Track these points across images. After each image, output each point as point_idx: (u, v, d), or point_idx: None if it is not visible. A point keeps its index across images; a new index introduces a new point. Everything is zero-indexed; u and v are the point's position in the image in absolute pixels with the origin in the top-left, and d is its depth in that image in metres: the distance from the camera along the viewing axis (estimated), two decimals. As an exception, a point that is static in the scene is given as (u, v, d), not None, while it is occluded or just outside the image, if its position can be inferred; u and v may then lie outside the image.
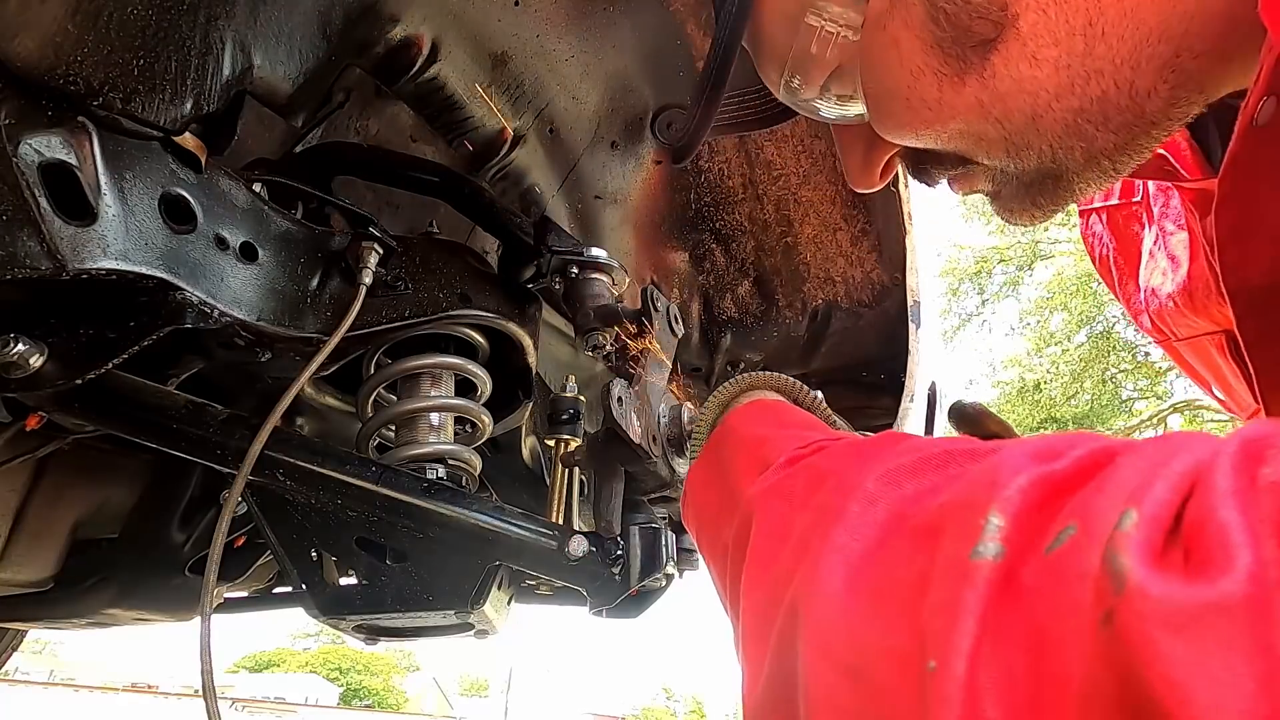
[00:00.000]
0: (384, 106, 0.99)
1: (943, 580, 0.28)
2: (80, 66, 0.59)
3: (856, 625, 0.32)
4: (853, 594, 0.33)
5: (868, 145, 0.61)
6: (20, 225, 0.58)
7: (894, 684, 0.29)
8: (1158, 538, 0.23)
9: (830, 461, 0.45)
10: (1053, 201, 0.55)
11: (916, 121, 0.53)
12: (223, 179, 0.76)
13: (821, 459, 0.46)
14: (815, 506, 0.40)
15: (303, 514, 0.83)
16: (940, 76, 0.50)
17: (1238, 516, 0.22)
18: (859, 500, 0.37)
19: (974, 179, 0.58)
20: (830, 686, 0.32)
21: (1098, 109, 0.47)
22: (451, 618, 0.81)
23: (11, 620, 1.23)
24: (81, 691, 13.41)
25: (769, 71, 0.61)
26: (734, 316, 1.45)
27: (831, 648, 0.32)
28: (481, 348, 0.99)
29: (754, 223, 1.29)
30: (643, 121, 1.15)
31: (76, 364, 0.72)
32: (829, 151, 1.17)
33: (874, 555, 0.34)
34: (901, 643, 0.29)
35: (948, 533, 0.30)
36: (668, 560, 0.94)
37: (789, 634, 0.35)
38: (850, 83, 0.57)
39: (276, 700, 20.75)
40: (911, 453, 0.39)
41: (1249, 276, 0.50)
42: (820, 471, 0.44)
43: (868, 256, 1.32)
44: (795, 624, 0.35)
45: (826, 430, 0.58)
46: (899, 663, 0.29)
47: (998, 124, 0.50)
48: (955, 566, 0.28)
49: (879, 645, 0.30)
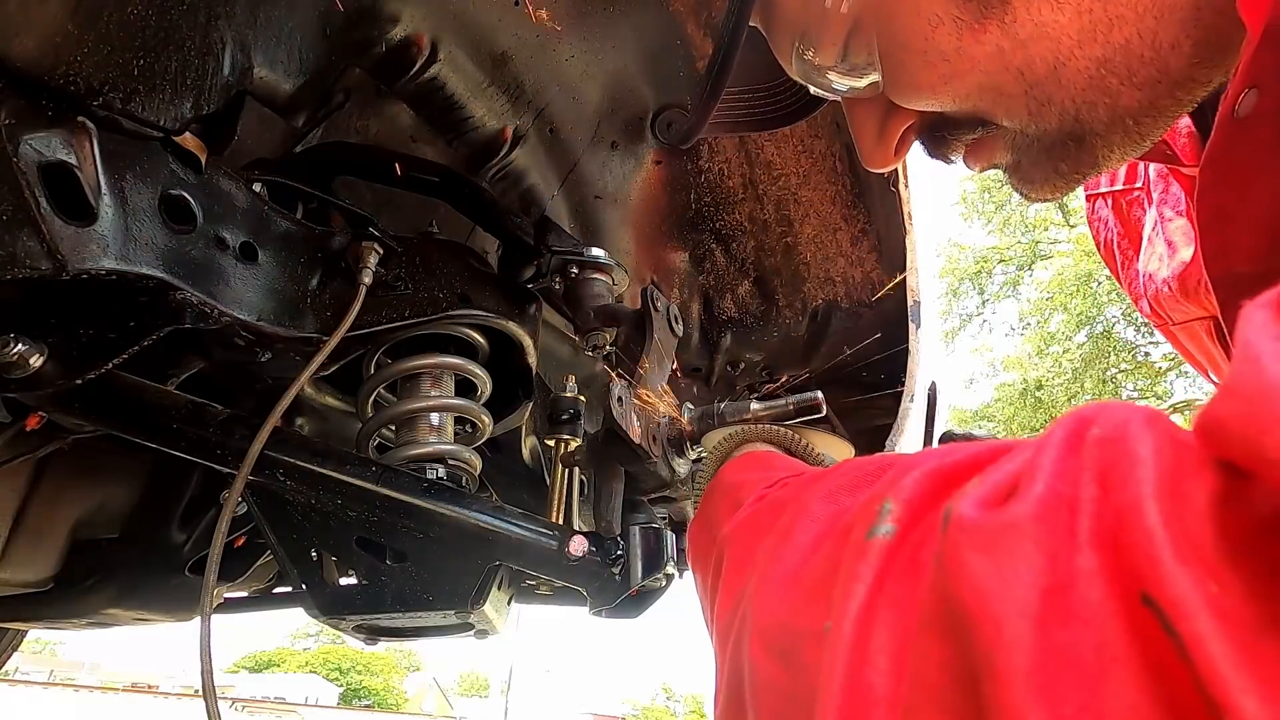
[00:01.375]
0: (384, 106, 0.99)
1: (847, 561, 0.33)
2: (80, 66, 0.59)
3: (786, 615, 0.37)
4: (787, 592, 0.38)
5: (882, 119, 0.60)
6: (20, 225, 0.58)
7: (811, 657, 0.33)
8: (994, 494, 0.28)
9: (788, 492, 0.50)
10: (1075, 168, 0.54)
11: (934, 78, 0.52)
12: (223, 179, 0.76)
13: (782, 492, 0.51)
14: (774, 532, 0.45)
15: (303, 514, 0.83)
16: (959, 24, 0.49)
17: (1054, 463, 0.27)
18: (804, 519, 0.42)
19: (992, 148, 0.57)
20: (768, 672, 0.37)
21: (1121, 59, 0.47)
22: (451, 618, 0.81)
23: (11, 620, 1.23)
24: (81, 692, 13.41)
25: (781, 42, 0.60)
26: (734, 316, 1.45)
27: (768, 638, 0.38)
28: (481, 348, 0.99)
29: (754, 223, 1.29)
30: (643, 121, 1.15)
31: (76, 364, 0.72)
32: (829, 151, 1.17)
33: (807, 559, 0.39)
34: (817, 620, 0.33)
35: (856, 524, 0.35)
36: (668, 560, 0.94)
37: (740, 638, 0.41)
38: (865, 47, 0.55)
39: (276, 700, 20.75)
40: (852, 472, 0.44)
41: (1231, 264, 0.50)
42: (779, 502, 0.49)
43: (868, 256, 1.32)
44: (744, 628, 0.40)
45: (808, 472, 0.59)
46: (814, 638, 0.33)
47: (1019, 75, 0.50)
48: (855, 547, 0.33)
49: (802, 627, 0.35)
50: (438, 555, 0.80)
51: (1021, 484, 0.27)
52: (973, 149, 0.58)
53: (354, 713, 23.85)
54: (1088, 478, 0.25)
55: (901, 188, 1.18)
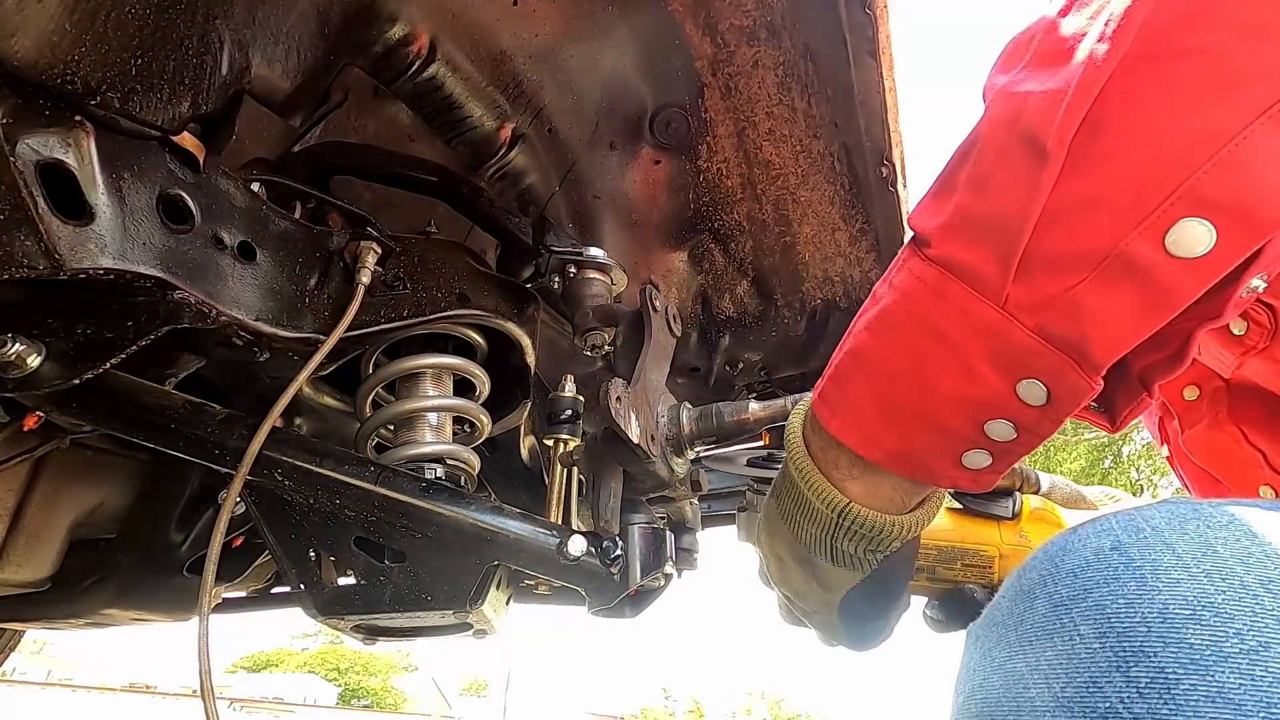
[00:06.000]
0: (382, 106, 0.99)
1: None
2: (78, 65, 0.59)
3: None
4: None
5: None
6: (17, 225, 0.58)
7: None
8: None
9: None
10: None
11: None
12: (221, 178, 0.76)
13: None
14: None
15: (301, 514, 0.83)
16: None
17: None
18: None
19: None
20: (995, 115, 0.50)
21: None
22: (450, 617, 0.81)
23: (9, 620, 1.22)
24: (79, 691, 13.40)
25: None
26: (732, 316, 1.45)
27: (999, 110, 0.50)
28: (480, 347, 0.98)
29: (753, 222, 1.29)
30: (641, 121, 1.15)
31: (74, 364, 0.72)
32: (827, 151, 1.17)
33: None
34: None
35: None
36: (666, 560, 0.94)
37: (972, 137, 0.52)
38: None
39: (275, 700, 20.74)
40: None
41: None
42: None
43: (866, 256, 1.32)
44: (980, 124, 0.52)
45: None
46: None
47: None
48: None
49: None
50: (436, 555, 0.80)
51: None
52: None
53: (352, 713, 23.84)
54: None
55: (900, 187, 1.18)
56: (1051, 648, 0.37)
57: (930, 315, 0.51)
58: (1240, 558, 0.36)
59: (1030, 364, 0.48)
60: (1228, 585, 0.35)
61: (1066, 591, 0.39)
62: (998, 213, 0.47)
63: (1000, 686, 0.39)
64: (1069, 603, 0.38)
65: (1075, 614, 0.38)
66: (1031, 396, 0.49)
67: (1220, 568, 0.35)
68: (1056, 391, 0.48)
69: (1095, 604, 0.37)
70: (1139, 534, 0.39)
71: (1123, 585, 0.37)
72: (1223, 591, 0.34)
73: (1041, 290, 0.46)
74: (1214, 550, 0.36)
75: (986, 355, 0.49)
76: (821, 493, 0.59)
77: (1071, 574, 0.39)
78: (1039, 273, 0.46)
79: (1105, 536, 0.40)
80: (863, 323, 0.57)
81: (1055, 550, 0.42)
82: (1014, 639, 0.40)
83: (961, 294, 0.49)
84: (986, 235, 0.48)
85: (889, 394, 0.54)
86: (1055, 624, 0.38)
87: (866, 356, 0.55)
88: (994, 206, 0.48)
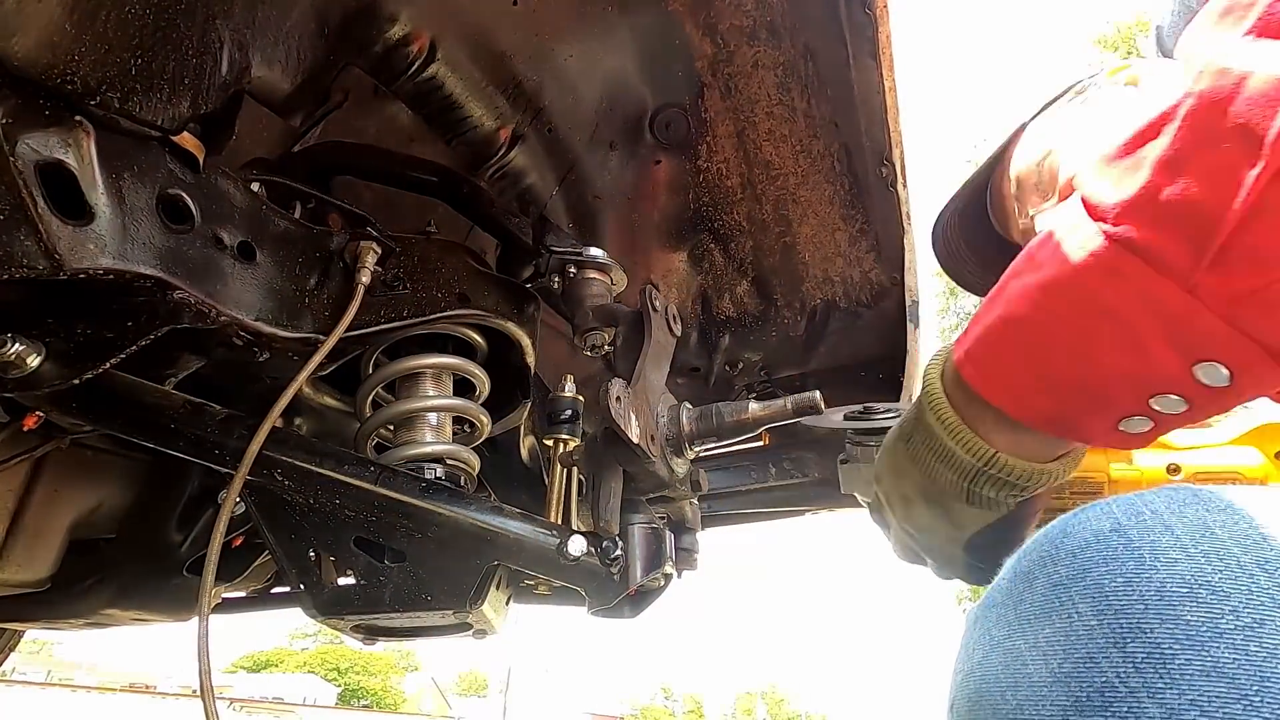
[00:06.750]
0: (382, 106, 0.99)
1: None
2: (78, 65, 0.59)
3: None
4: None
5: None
6: (17, 225, 0.58)
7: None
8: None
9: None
10: None
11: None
12: (221, 179, 0.76)
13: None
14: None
15: (301, 514, 0.83)
16: None
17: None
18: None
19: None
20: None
21: None
22: (450, 618, 0.81)
23: (9, 620, 1.22)
24: (79, 692, 13.39)
25: None
26: (732, 316, 1.45)
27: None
28: (480, 347, 0.98)
29: (752, 222, 1.29)
30: (641, 121, 1.15)
31: (74, 364, 0.72)
32: (827, 151, 1.17)
33: None
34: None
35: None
36: (666, 560, 0.94)
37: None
38: None
39: (274, 700, 20.73)
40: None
41: None
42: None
43: (866, 256, 1.32)
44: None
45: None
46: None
47: None
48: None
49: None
50: (436, 555, 0.80)
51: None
52: None
53: (352, 713, 23.83)
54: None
55: (900, 187, 1.18)
56: (1050, 625, 0.38)
57: (1103, 292, 0.49)
58: (1237, 539, 0.36)
59: (1214, 349, 0.46)
60: (1224, 565, 0.35)
61: (1066, 572, 0.39)
62: (1195, 200, 0.44)
63: (999, 664, 0.40)
64: (1068, 582, 0.39)
65: (1074, 593, 0.38)
66: (1211, 378, 0.48)
67: (1217, 548, 0.36)
68: (1240, 377, 0.47)
69: (1094, 583, 0.38)
70: (1139, 517, 0.40)
71: (1121, 565, 0.37)
72: (1219, 571, 0.35)
73: (1240, 282, 0.44)
74: (1212, 532, 0.37)
75: (1165, 335, 0.47)
76: (967, 444, 0.59)
77: (1071, 555, 0.40)
78: (1238, 265, 0.44)
79: (1105, 519, 0.41)
80: (1018, 288, 0.55)
81: (1055, 533, 0.42)
82: (1012, 618, 0.41)
83: (1142, 274, 0.46)
84: (1179, 221, 0.45)
85: (1047, 363, 0.53)
86: (1054, 603, 0.39)
87: (1024, 325, 0.54)
88: (1191, 194, 0.44)
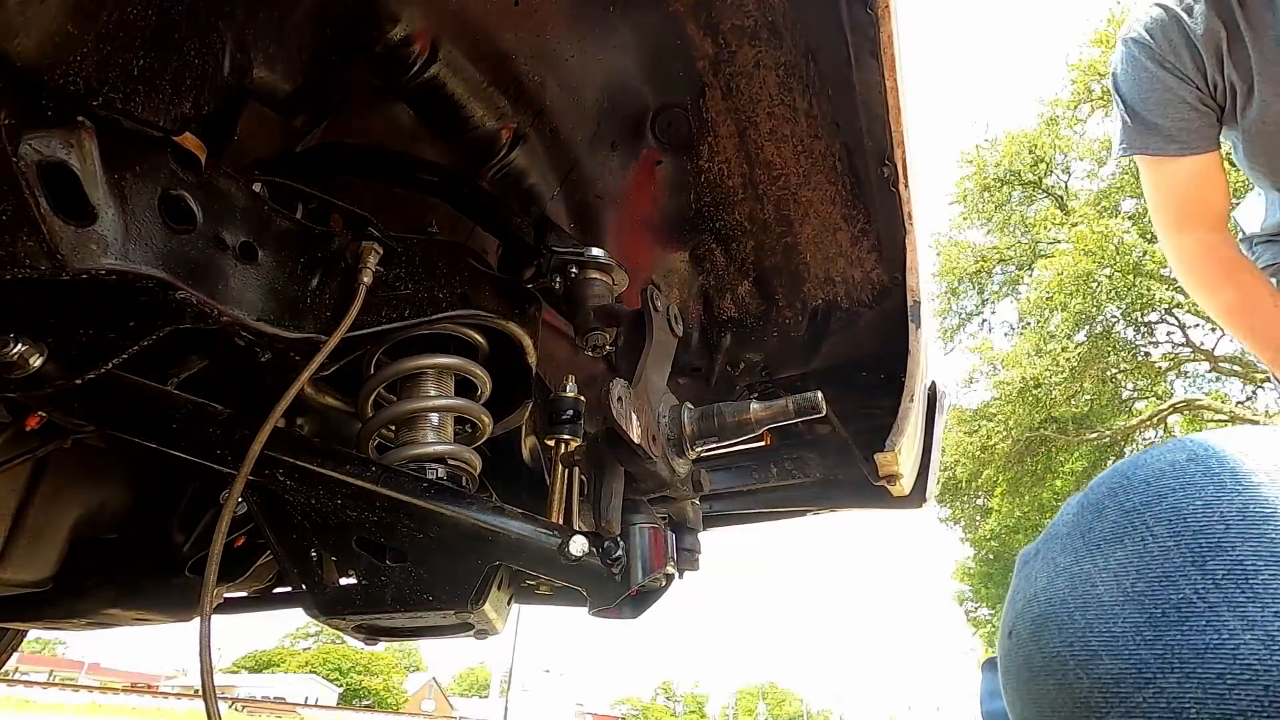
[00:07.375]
0: (384, 106, 0.99)
1: None
2: (80, 66, 0.59)
3: None
4: None
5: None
6: (20, 225, 0.58)
7: None
8: None
9: None
10: None
11: None
12: (222, 179, 0.76)
13: None
14: None
15: (302, 514, 0.83)
16: None
17: None
18: None
19: None
20: None
21: None
22: (451, 617, 0.81)
23: (11, 620, 1.23)
24: (81, 692, 13.40)
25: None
26: (734, 316, 1.45)
27: None
28: (481, 347, 0.98)
29: (754, 223, 1.29)
30: (642, 121, 1.15)
31: (76, 364, 0.72)
32: (828, 151, 1.17)
33: None
34: None
35: None
36: (668, 560, 0.94)
37: None
38: None
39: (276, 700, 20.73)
40: None
41: None
42: None
43: (868, 256, 1.32)
44: None
45: None
46: None
47: None
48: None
49: None
50: (437, 555, 0.80)
51: None
52: None
53: (353, 713, 23.83)
54: None
55: (902, 187, 1.17)
56: (1121, 549, 0.38)
57: None
58: None
59: None
60: None
61: (1139, 498, 0.39)
62: None
63: (1064, 587, 0.39)
64: (1141, 508, 0.39)
65: (1148, 517, 0.38)
66: None
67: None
68: None
69: (1170, 506, 0.37)
70: (1215, 449, 0.40)
71: (1200, 489, 0.37)
72: None
73: None
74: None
75: None
76: None
77: (1144, 483, 0.40)
78: None
79: (1180, 451, 0.41)
80: None
81: (1124, 467, 0.42)
82: (1079, 546, 0.40)
83: None
84: None
85: None
86: (1126, 528, 0.38)
87: None
88: None
